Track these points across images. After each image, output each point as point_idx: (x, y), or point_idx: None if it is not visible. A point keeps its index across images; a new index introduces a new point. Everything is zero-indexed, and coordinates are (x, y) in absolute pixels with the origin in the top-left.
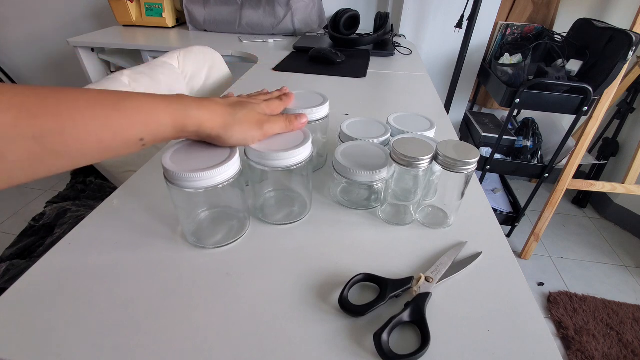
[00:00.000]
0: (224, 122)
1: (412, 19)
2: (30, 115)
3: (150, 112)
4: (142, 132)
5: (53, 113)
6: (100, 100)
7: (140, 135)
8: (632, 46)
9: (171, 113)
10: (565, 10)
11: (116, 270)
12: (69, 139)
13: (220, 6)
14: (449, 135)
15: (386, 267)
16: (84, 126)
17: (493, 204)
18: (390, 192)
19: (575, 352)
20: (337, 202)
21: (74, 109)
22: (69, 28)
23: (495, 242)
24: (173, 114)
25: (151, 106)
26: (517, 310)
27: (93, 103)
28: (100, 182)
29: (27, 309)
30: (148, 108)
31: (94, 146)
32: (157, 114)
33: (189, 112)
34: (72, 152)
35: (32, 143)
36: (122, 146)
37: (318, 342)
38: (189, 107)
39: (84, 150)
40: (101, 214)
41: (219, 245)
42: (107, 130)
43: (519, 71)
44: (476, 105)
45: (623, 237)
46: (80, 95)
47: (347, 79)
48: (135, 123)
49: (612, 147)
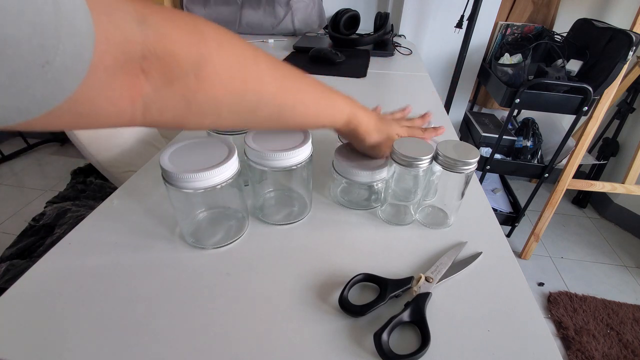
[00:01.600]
0: (373, 132)
1: (412, 19)
2: (284, 90)
3: (339, 106)
4: (328, 121)
5: (295, 92)
6: (318, 89)
7: (325, 123)
8: (632, 46)
9: (348, 112)
10: (565, 10)
11: (116, 271)
12: (293, 115)
13: (220, 6)
14: (449, 135)
15: (386, 267)
16: (306, 107)
17: (493, 204)
18: (391, 192)
19: (575, 352)
20: (337, 202)
21: (306, 92)
22: None
23: (495, 242)
24: (348, 113)
25: (341, 102)
26: (517, 310)
27: (314, 90)
28: (100, 182)
29: (27, 309)
30: (339, 103)
31: (300, 122)
32: (342, 110)
33: (356, 114)
34: (287, 121)
35: (276, 109)
36: (311, 125)
37: (318, 342)
38: (358, 110)
39: (292, 122)
40: (101, 214)
41: (219, 246)
42: (314, 114)
43: (519, 71)
44: (476, 105)
45: (623, 237)
46: (309, 81)
47: (347, 79)
48: (330, 114)
49: (612, 147)
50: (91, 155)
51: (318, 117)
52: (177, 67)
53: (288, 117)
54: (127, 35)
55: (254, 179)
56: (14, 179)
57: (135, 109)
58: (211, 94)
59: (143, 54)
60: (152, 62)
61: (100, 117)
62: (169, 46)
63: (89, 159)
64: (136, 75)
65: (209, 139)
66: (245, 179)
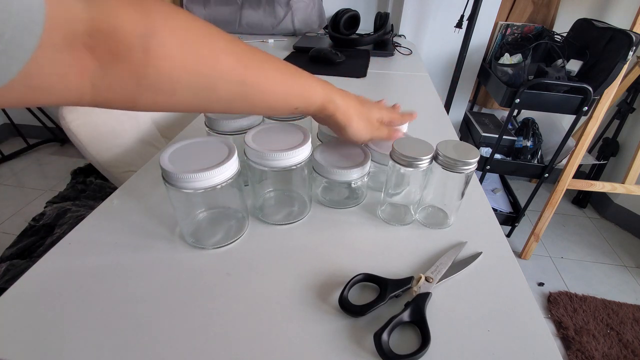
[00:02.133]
0: (353, 116)
1: (412, 19)
2: (244, 66)
3: (311, 89)
4: (301, 102)
5: (258, 68)
6: (286, 68)
7: (297, 105)
8: (632, 46)
9: (323, 95)
10: (565, 10)
11: (116, 271)
12: (258, 93)
13: (220, 6)
14: (449, 135)
15: (386, 267)
16: (273, 85)
17: (493, 204)
18: (390, 192)
19: (575, 352)
20: (319, 202)
21: (271, 69)
22: None
23: (495, 242)
24: (323, 96)
25: (314, 84)
26: (517, 310)
27: (283, 69)
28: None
29: (27, 309)
30: (311, 85)
31: (268, 103)
32: (315, 92)
33: (333, 98)
34: (255, 102)
35: (237, 87)
36: (282, 108)
37: (318, 342)
38: (334, 94)
39: (261, 103)
40: (101, 214)
41: (219, 246)
42: (283, 94)
43: (519, 71)
44: (476, 105)
45: (623, 237)
46: (274, 60)
47: (347, 79)
48: (300, 94)
49: (612, 147)
50: (91, 155)
51: (287, 97)
52: (122, 42)
53: (254, 96)
54: (73, 12)
55: (254, 179)
56: (14, 179)
57: (84, 86)
58: (161, 70)
59: (88, 31)
60: (97, 39)
61: (51, 93)
62: (113, 21)
63: (89, 159)
64: (82, 52)
65: (209, 139)
66: (245, 179)
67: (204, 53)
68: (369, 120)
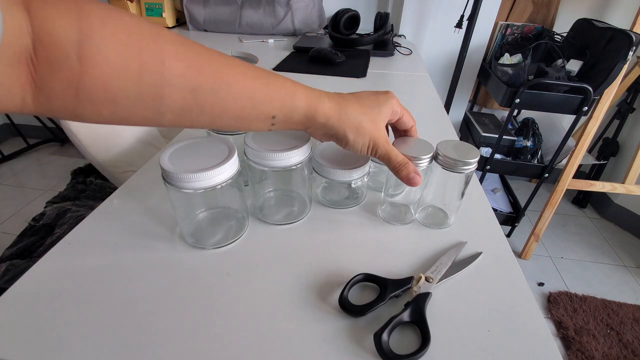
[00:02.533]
0: (353, 124)
1: (412, 19)
2: (196, 70)
3: (289, 91)
4: (277, 109)
5: (215, 74)
6: (252, 71)
7: (274, 112)
8: (632, 46)
9: (307, 98)
10: (565, 10)
11: (116, 271)
12: (218, 100)
13: (220, 6)
14: (449, 135)
15: (386, 267)
16: (235, 92)
17: (493, 204)
18: (390, 192)
19: (575, 352)
20: (319, 202)
21: (231, 75)
22: None
23: (495, 242)
24: (308, 100)
25: (292, 87)
26: (517, 310)
27: (246, 72)
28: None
29: (27, 309)
30: (289, 88)
31: (234, 112)
32: (294, 95)
33: (322, 101)
34: (215, 112)
35: (189, 95)
36: (254, 118)
37: (318, 342)
38: (323, 98)
39: (224, 114)
40: (101, 214)
41: (219, 246)
42: (251, 100)
43: (519, 71)
44: (476, 105)
45: (623, 237)
46: (239, 64)
47: (347, 79)
48: (274, 98)
49: (612, 147)
50: (91, 155)
51: (257, 104)
52: (56, 49)
53: (213, 105)
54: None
55: (254, 179)
56: (14, 179)
57: (26, 96)
58: (99, 78)
59: (32, 43)
60: (37, 48)
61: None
62: (50, 29)
63: (89, 159)
64: (25, 63)
65: (209, 139)
66: (245, 179)
67: (147, 58)
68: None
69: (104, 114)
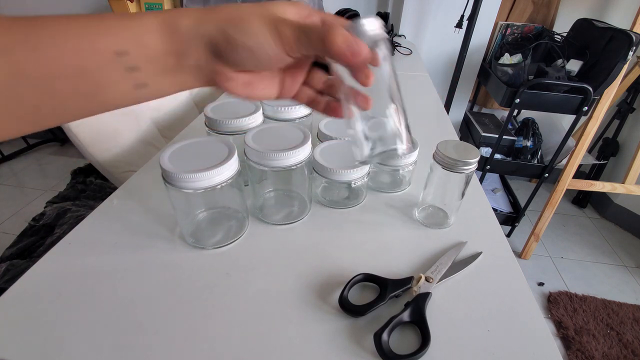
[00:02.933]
0: (234, 13)
1: (412, 19)
2: (5, 29)
3: (133, 16)
4: (122, 40)
5: (26, 25)
6: (81, 16)
7: (118, 46)
8: (632, 46)
9: (157, 14)
10: (565, 10)
11: (116, 271)
12: (43, 57)
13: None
14: (449, 135)
15: (386, 267)
16: (61, 41)
17: (493, 204)
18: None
19: (575, 352)
20: (319, 202)
21: (50, 23)
22: None
23: (495, 242)
24: (159, 14)
25: (136, 14)
26: (517, 310)
27: (73, 18)
28: (100, 182)
29: (27, 309)
30: (131, 15)
31: (71, 68)
32: (140, 17)
33: (179, 11)
34: (45, 77)
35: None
36: (100, 66)
37: (318, 342)
38: (179, 10)
39: (58, 77)
40: (101, 214)
41: (219, 246)
42: (80, 38)
43: (519, 71)
44: (476, 105)
45: (623, 237)
46: (57, 15)
47: None
48: (112, 27)
49: (612, 147)
50: (91, 155)
51: (90, 41)
52: None
53: (31, 72)
54: None
55: (254, 179)
56: (14, 179)
57: None
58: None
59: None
60: None
61: None
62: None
63: (89, 159)
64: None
65: (209, 139)
66: (245, 179)
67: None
68: (267, 5)
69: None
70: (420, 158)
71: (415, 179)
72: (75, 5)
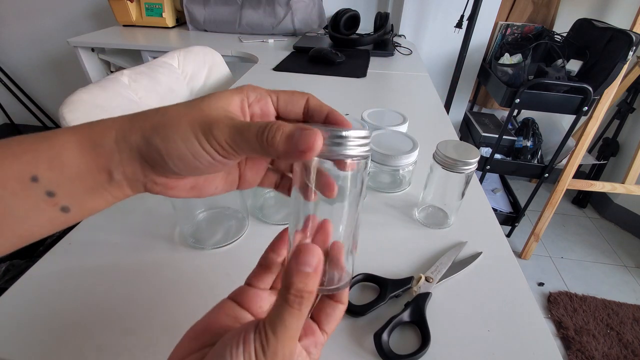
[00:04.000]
0: (157, 121)
1: (412, 19)
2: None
3: (47, 136)
4: (35, 162)
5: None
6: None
7: (32, 170)
8: (632, 46)
9: (76, 129)
10: (565, 10)
11: (116, 271)
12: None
13: (220, 6)
14: (449, 135)
15: (386, 267)
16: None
17: (493, 204)
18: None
19: (575, 352)
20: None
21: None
22: (69, 28)
23: (495, 242)
24: (79, 129)
25: (52, 133)
26: (517, 310)
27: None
28: None
29: (27, 308)
30: (45, 135)
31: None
32: (55, 136)
33: (103, 122)
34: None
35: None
36: (14, 194)
37: None
38: (100, 120)
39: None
40: (101, 214)
41: (219, 246)
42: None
43: (519, 71)
44: (476, 105)
45: (623, 237)
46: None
47: (347, 79)
48: (26, 152)
49: (612, 147)
50: None
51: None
52: None
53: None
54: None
55: None
56: None
57: None
58: None
59: None
60: None
61: None
62: None
63: None
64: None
65: None
66: None
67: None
68: (199, 107)
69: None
70: (420, 158)
71: (415, 179)
72: (75, 5)
